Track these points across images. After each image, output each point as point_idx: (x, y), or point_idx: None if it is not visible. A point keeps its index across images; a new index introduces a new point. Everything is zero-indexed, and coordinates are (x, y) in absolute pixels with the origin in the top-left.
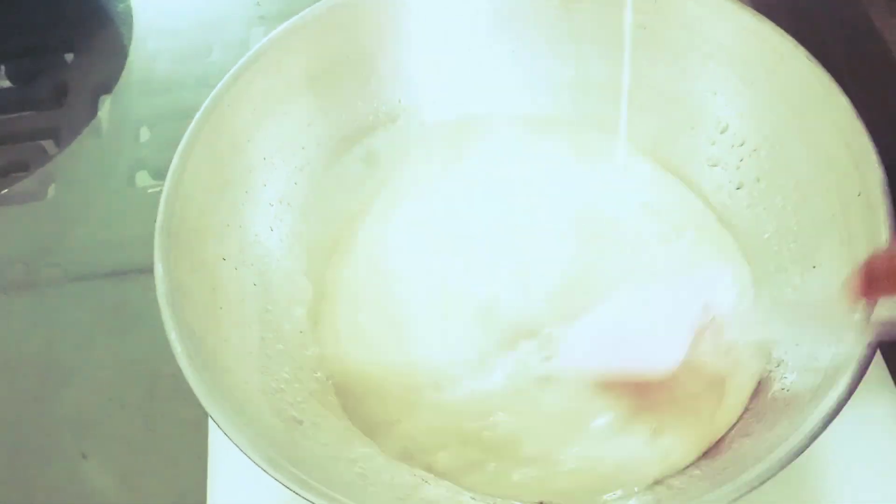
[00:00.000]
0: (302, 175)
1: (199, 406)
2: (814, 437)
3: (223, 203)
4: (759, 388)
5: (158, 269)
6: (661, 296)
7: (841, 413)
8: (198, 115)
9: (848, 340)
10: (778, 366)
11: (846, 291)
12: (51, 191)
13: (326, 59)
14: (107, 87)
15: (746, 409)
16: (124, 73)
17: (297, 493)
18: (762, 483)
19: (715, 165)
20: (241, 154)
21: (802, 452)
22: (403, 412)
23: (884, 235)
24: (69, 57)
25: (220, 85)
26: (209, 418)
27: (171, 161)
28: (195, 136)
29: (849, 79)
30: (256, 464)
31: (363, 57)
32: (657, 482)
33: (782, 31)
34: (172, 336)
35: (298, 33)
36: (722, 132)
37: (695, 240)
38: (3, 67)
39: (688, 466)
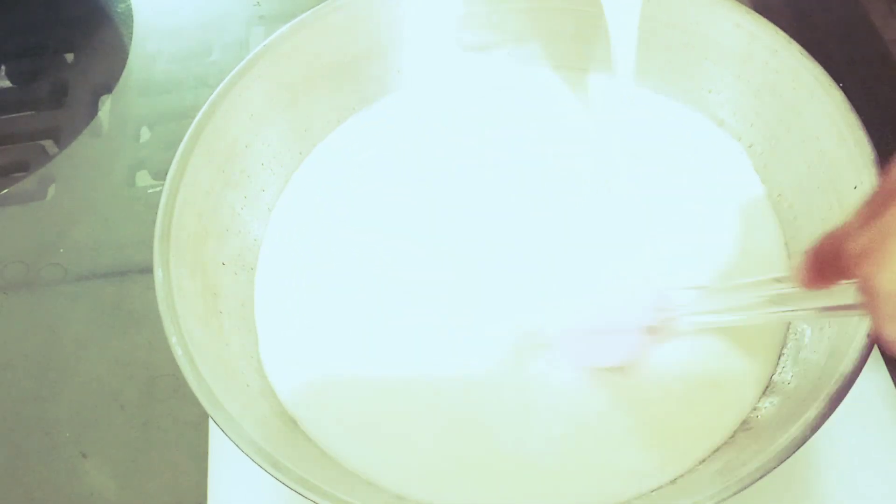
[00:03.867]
0: (300, 180)
1: (199, 406)
2: (814, 427)
3: (222, 208)
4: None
5: (158, 275)
6: (621, 299)
7: (841, 413)
8: (194, 122)
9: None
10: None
11: (796, 278)
12: (51, 191)
13: (323, 63)
14: (107, 87)
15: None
16: (124, 73)
17: (298, 493)
18: (763, 475)
19: None
20: (239, 159)
21: (803, 444)
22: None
23: None
24: (69, 57)
25: (215, 92)
26: (209, 419)
27: (171, 161)
28: (192, 142)
29: (848, 78)
30: (259, 465)
31: (360, 61)
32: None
33: (775, 27)
34: (173, 340)
35: (295, 38)
36: (718, 128)
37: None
38: (3, 67)
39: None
